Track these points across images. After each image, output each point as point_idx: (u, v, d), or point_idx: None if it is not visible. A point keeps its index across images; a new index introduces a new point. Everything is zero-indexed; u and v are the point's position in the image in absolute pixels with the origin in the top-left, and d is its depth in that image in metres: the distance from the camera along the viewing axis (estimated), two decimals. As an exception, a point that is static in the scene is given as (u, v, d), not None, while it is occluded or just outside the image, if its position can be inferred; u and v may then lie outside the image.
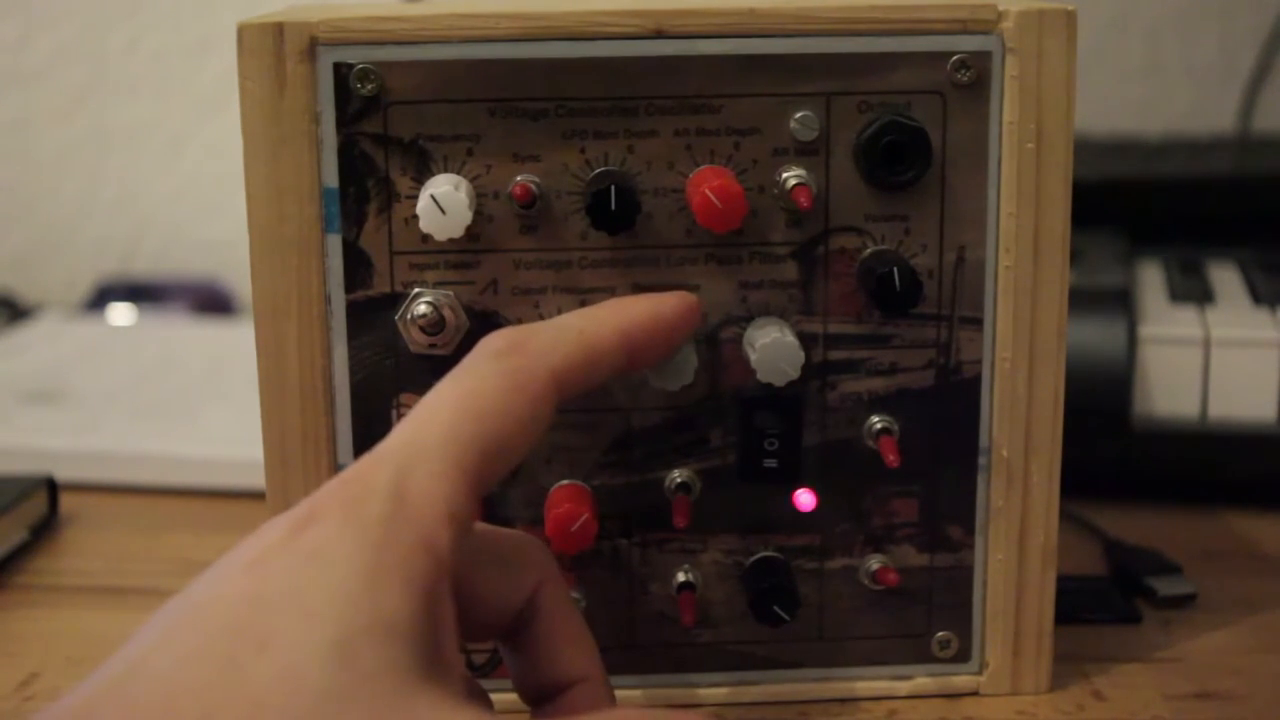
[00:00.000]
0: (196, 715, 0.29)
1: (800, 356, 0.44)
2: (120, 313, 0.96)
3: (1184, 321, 0.65)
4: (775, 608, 0.46)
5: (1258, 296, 0.68)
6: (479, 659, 0.47)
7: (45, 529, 0.63)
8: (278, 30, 0.43)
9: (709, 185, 0.43)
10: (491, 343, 0.38)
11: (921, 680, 0.48)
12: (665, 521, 0.47)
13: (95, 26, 1.03)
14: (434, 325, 0.45)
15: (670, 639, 0.48)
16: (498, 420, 0.35)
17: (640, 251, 0.45)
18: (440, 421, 0.35)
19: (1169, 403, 0.63)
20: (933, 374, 0.46)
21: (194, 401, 0.76)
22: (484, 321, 0.45)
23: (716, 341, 0.46)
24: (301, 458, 0.46)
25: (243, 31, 0.43)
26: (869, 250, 0.45)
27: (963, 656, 0.48)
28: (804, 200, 0.43)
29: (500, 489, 0.46)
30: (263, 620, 0.30)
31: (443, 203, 0.43)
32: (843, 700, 0.48)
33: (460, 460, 0.34)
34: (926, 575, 0.48)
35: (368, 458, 0.34)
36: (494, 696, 0.47)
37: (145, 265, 1.05)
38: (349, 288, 0.45)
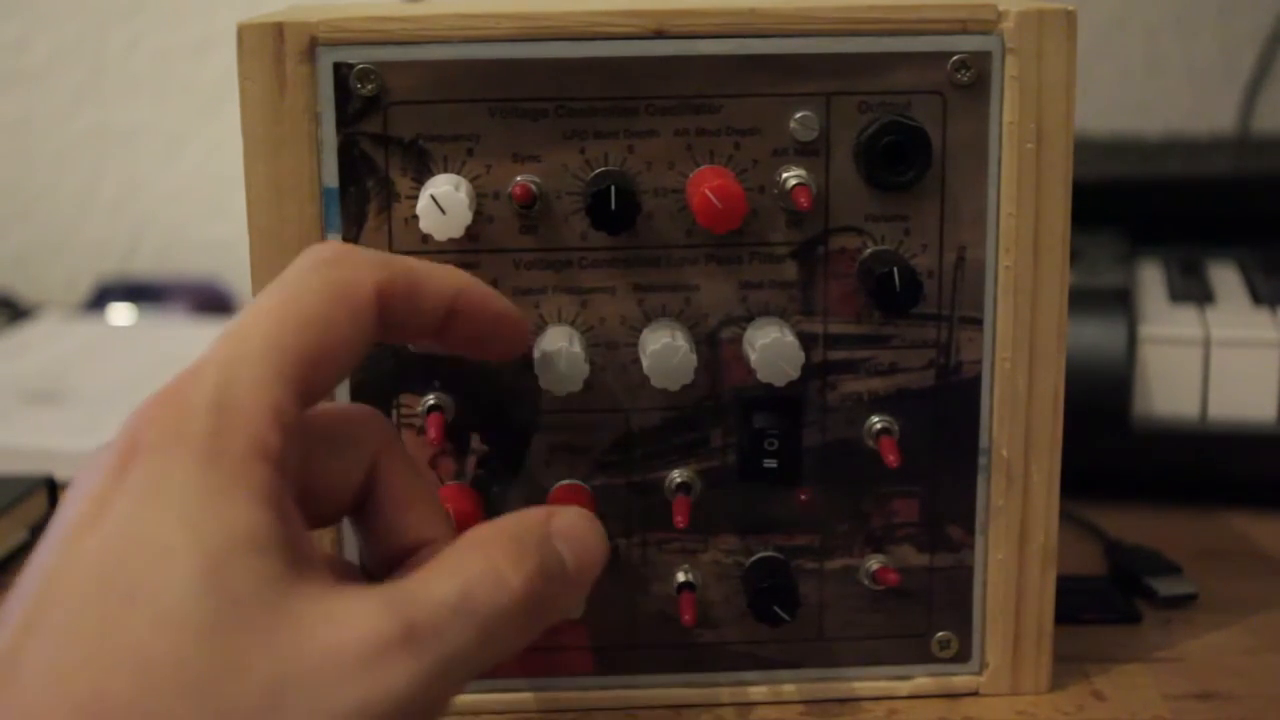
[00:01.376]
0: (89, 694, 0.28)
1: (800, 356, 0.44)
2: (120, 313, 0.96)
3: (1184, 321, 0.65)
4: (775, 608, 0.46)
5: (1258, 296, 0.68)
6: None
7: (45, 529, 0.63)
8: (278, 30, 0.43)
9: (709, 185, 0.43)
10: (317, 252, 0.36)
11: (921, 680, 0.48)
12: (665, 521, 0.46)
13: (95, 26, 1.03)
14: (434, 325, 0.45)
15: (670, 639, 0.48)
16: (320, 330, 0.34)
17: (640, 251, 0.45)
18: (261, 332, 0.34)
19: (1169, 403, 0.63)
20: (933, 374, 0.46)
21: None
22: (484, 321, 0.45)
23: (716, 341, 0.46)
24: (301, 458, 0.45)
25: (243, 31, 0.43)
26: (869, 250, 0.45)
27: (963, 656, 0.48)
28: (804, 200, 0.43)
29: (500, 489, 0.46)
30: (121, 573, 0.29)
31: (443, 203, 0.43)
32: (843, 700, 0.48)
33: (282, 368, 0.33)
34: (926, 575, 0.48)
35: (184, 373, 0.33)
36: (476, 698, 0.47)
37: (145, 265, 1.05)
38: (349, 288, 0.45)
